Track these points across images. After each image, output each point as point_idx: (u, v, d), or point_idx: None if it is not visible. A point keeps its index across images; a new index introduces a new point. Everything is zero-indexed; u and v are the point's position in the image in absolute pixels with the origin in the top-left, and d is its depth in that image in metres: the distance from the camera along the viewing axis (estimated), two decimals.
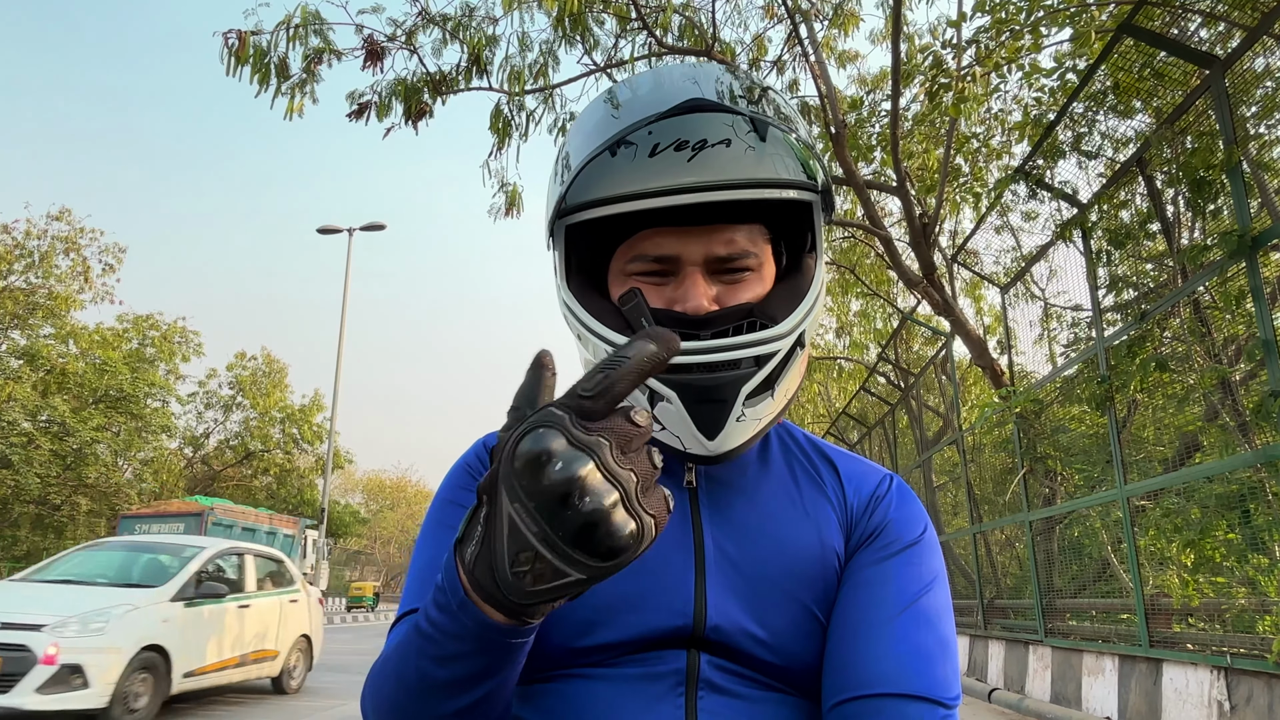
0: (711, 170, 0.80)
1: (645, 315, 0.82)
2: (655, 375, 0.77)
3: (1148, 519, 6.05)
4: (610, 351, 0.80)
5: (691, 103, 0.82)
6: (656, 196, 0.80)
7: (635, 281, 0.85)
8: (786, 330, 0.82)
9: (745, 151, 0.82)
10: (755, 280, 0.85)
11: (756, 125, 0.83)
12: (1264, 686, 4.62)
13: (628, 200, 0.81)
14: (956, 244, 12.93)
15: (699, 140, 0.81)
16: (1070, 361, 7.67)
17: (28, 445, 25.16)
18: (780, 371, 0.83)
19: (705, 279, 0.83)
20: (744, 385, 0.80)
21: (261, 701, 8.68)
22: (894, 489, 0.91)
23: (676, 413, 0.80)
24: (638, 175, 0.81)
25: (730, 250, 0.84)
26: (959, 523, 11.17)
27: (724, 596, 0.81)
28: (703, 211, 0.83)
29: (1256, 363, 5.19)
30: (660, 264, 0.84)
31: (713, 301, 0.82)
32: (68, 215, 25.65)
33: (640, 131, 0.82)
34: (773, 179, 0.82)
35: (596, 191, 0.83)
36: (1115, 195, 6.47)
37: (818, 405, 22.64)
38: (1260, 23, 4.71)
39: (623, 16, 9.49)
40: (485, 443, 0.93)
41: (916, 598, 0.82)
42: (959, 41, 8.51)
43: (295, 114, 8.98)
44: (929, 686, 0.77)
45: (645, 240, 0.85)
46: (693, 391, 0.79)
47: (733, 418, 0.80)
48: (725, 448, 0.81)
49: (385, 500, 65.94)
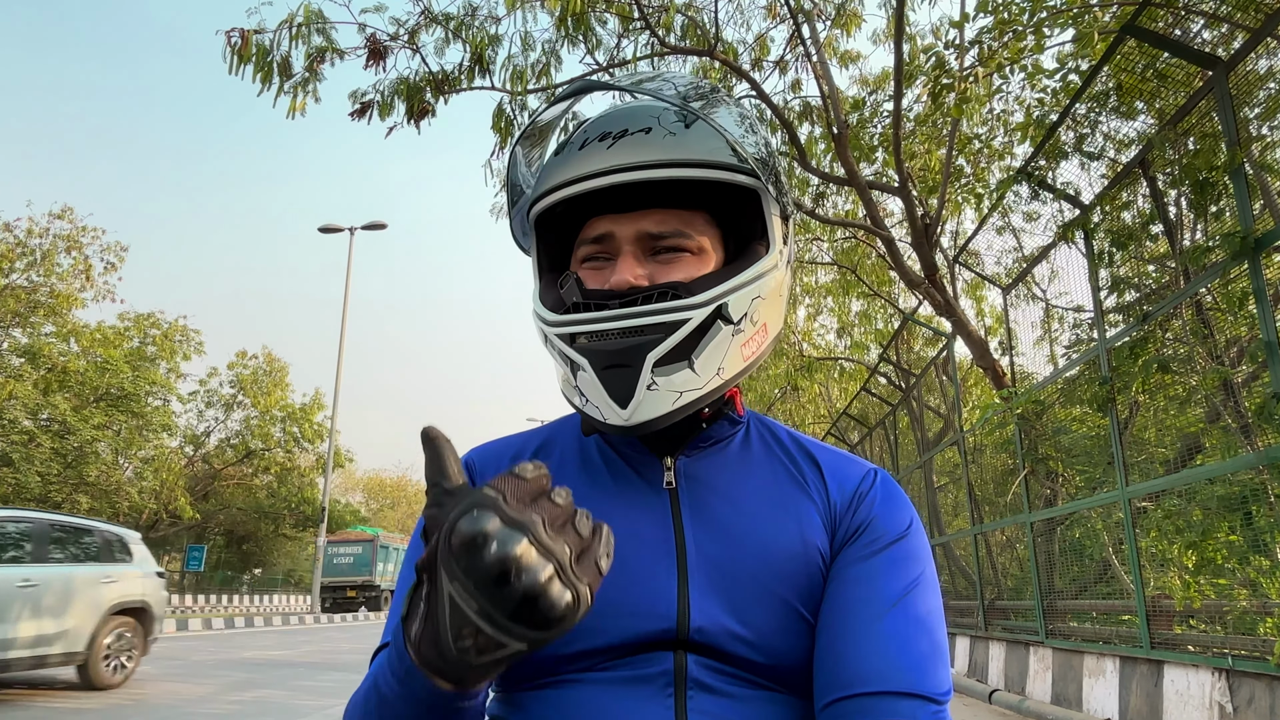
0: (627, 154, 0.85)
1: (575, 292, 0.86)
2: (573, 345, 0.84)
3: (1149, 520, 6.04)
4: (541, 327, 0.88)
5: (586, 82, 0.91)
6: (577, 183, 0.86)
7: (585, 267, 0.89)
8: (700, 301, 0.82)
9: (664, 137, 0.86)
10: (693, 262, 0.87)
11: (684, 116, 0.87)
12: (1265, 688, 4.62)
13: (557, 190, 0.88)
14: (958, 245, 12.93)
15: (620, 130, 0.87)
16: (1072, 362, 7.66)
17: (29, 443, 25.18)
18: (696, 342, 0.83)
19: (637, 258, 0.86)
20: (649, 351, 0.81)
21: (261, 701, 8.69)
22: (878, 484, 0.91)
23: (591, 381, 0.83)
24: (568, 168, 0.87)
25: (661, 229, 0.87)
26: (960, 523, 11.16)
27: (707, 598, 0.82)
28: (634, 196, 0.88)
29: (1259, 364, 5.19)
30: (599, 245, 0.88)
31: (643, 279, 0.85)
32: (69, 214, 25.67)
33: (579, 133, 0.90)
34: (690, 159, 0.85)
35: (539, 189, 0.90)
36: (1118, 196, 6.46)
37: (819, 406, 22.63)
38: (1264, 24, 4.70)
39: (625, 16, 9.49)
40: (468, 461, 0.95)
41: (904, 594, 0.82)
42: (962, 42, 8.50)
43: (297, 113, 8.98)
44: (919, 683, 0.77)
45: (588, 227, 0.90)
46: (600, 357, 0.82)
47: (642, 385, 0.81)
48: (639, 418, 0.82)
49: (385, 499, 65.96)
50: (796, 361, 17.63)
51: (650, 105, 0.89)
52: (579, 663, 0.81)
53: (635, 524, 0.86)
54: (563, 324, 0.85)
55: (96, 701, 8.01)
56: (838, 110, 9.11)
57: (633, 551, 0.83)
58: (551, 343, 0.87)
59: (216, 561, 42.22)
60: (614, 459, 0.91)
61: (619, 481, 0.90)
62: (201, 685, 9.65)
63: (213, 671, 11.29)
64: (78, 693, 8.55)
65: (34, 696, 8.23)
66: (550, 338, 0.87)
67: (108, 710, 7.53)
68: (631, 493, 0.89)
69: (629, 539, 0.84)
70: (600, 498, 0.88)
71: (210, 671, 11.28)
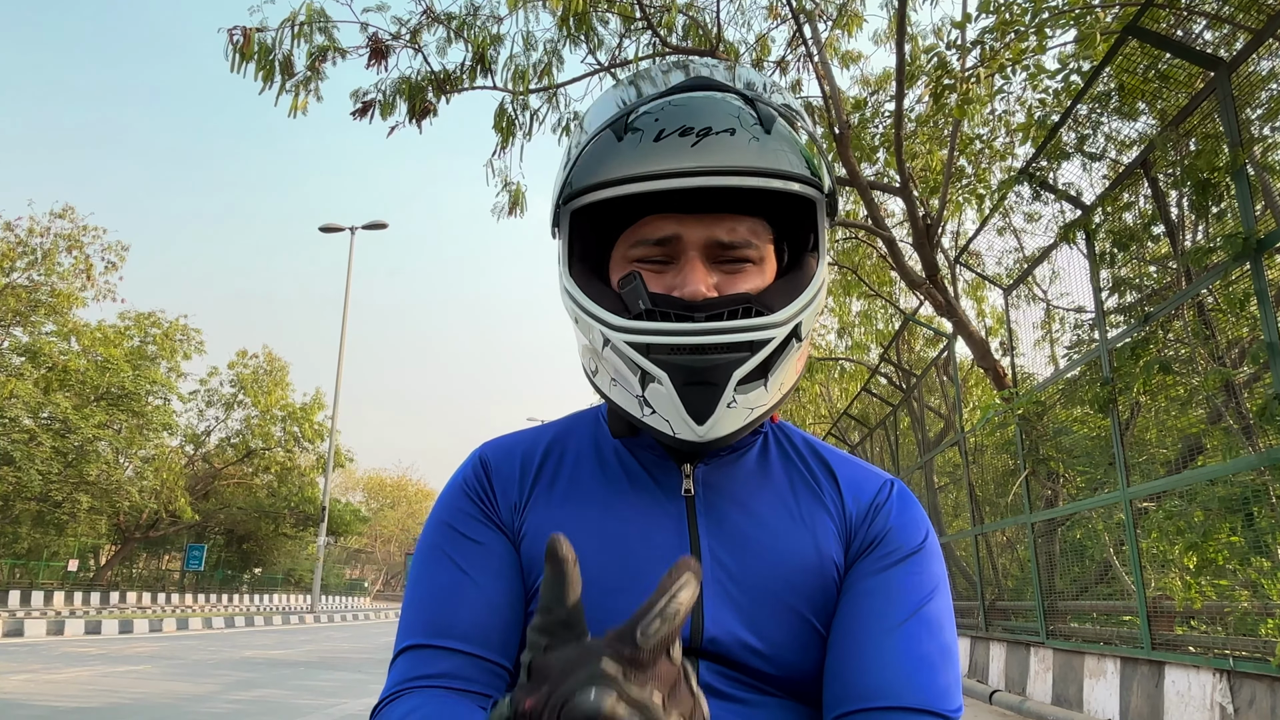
0: (715, 156, 0.80)
1: (643, 297, 0.81)
2: (649, 356, 0.79)
3: (1150, 521, 6.04)
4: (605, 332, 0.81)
5: (696, 80, 0.83)
6: (659, 179, 0.79)
7: (636, 267, 0.84)
8: (783, 319, 0.81)
9: (749, 142, 0.81)
10: (755, 272, 0.85)
11: (762, 118, 0.83)
12: (1266, 689, 4.61)
13: (630, 182, 0.80)
14: (959, 245, 12.93)
15: (704, 127, 0.81)
16: (1073, 363, 7.66)
17: (29, 442, 25.18)
18: (774, 361, 0.82)
19: (705, 266, 0.83)
20: (736, 370, 0.79)
21: (261, 700, 8.69)
22: (894, 495, 0.90)
23: (667, 395, 0.79)
24: (641, 159, 0.80)
25: (732, 238, 0.83)
26: (960, 524, 11.16)
27: (721, 609, 0.81)
28: (705, 199, 0.83)
29: (1260, 365, 5.18)
30: (661, 248, 0.84)
31: (712, 289, 0.82)
32: (70, 213, 25.70)
33: (646, 118, 0.82)
34: (776, 170, 0.81)
35: (600, 175, 0.82)
36: (1119, 197, 6.46)
37: (819, 406, 22.63)
38: (1266, 25, 4.70)
39: (627, 16, 9.49)
40: (481, 456, 0.92)
41: (918, 607, 0.81)
42: (963, 42, 8.50)
43: (299, 112, 8.98)
44: (931, 699, 0.77)
45: (647, 225, 0.85)
46: (684, 374, 0.79)
47: (723, 403, 0.79)
48: (714, 434, 0.80)
49: (386, 499, 65.99)
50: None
51: (725, 102, 0.83)
52: None
53: (650, 531, 0.85)
54: (636, 332, 0.80)
55: (98, 701, 8.01)
56: (839, 110, 9.11)
57: (648, 559, 0.83)
58: (618, 350, 0.81)
59: (216, 561, 42.23)
60: (630, 463, 0.90)
61: (636, 486, 0.88)
62: (201, 684, 9.65)
63: (213, 671, 11.29)
64: (79, 692, 8.56)
65: (37, 695, 8.24)
66: (617, 345, 0.81)
67: (108, 710, 7.54)
68: (648, 499, 0.87)
69: (645, 546, 0.84)
70: (617, 502, 0.87)
71: (210, 671, 11.28)
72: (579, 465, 0.90)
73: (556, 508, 0.87)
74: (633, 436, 0.90)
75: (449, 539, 0.86)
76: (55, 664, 11.42)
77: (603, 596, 0.80)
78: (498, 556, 0.85)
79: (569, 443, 0.93)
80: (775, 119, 0.83)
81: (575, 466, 0.90)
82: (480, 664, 0.80)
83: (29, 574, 30.54)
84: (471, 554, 0.84)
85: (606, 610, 0.80)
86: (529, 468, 0.90)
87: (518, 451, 0.92)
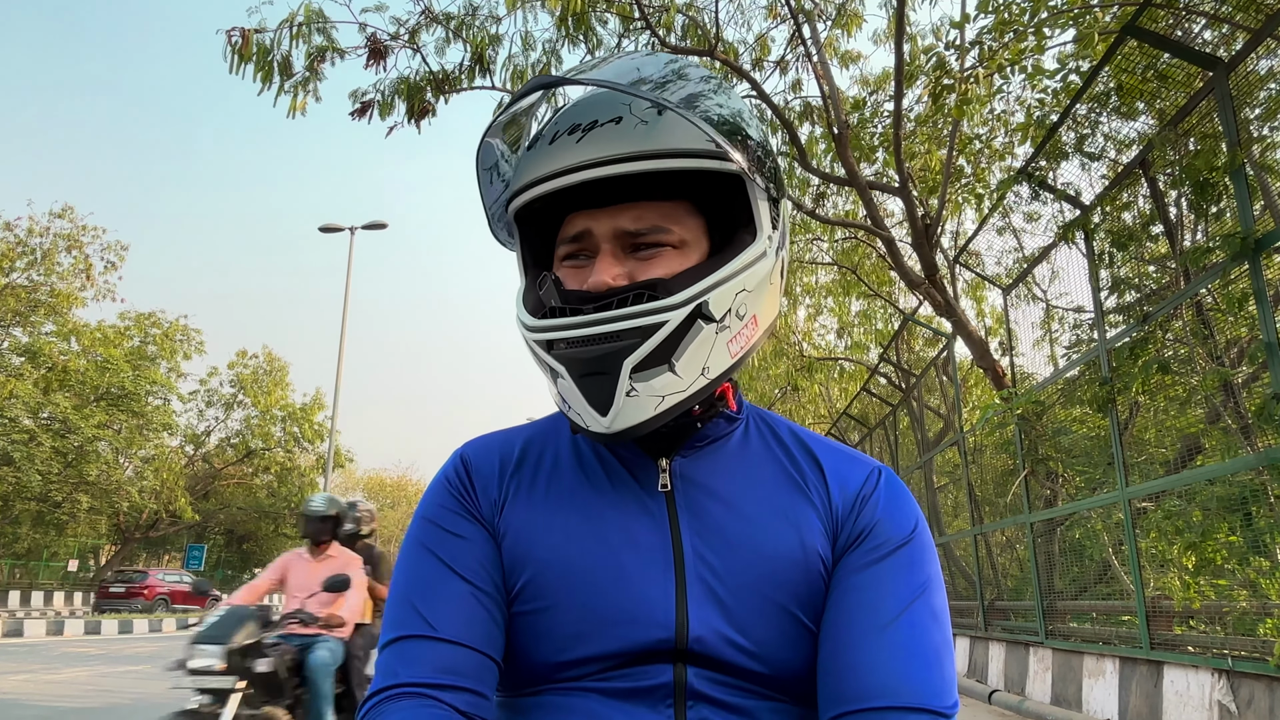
0: (598, 147, 0.80)
1: (553, 295, 0.83)
2: (550, 351, 0.81)
3: (1149, 521, 6.04)
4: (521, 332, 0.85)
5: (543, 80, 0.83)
6: (550, 180, 0.82)
7: (565, 266, 0.86)
8: (677, 302, 0.78)
9: (636, 126, 0.81)
10: (675, 257, 0.83)
11: (656, 102, 0.80)
12: (1265, 689, 4.62)
13: (530, 188, 0.84)
14: (959, 245, 12.93)
15: (589, 121, 0.82)
16: (1072, 363, 7.66)
17: (29, 442, 25.18)
18: (676, 344, 0.79)
19: (616, 256, 0.83)
20: (626, 358, 0.78)
21: None
22: (882, 484, 0.88)
23: (570, 388, 0.80)
24: (541, 162, 0.83)
25: (638, 225, 0.83)
26: (960, 524, 11.16)
27: (704, 607, 0.80)
28: (610, 190, 0.83)
29: (1259, 365, 5.19)
30: (578, 244, 0.85)
31: (622, 278, 0.81)
32: (70, 213, 25.70)
33: (551, 125, 0.85)
34: (666, 149, 0.80)
35: (515, 185, 0.86)
36: (1118, 197, 6.46)
37: (819, 406, 22.64)
38: (1264, 25, 4.70)
39: (626, 16, 9.49)
40: (462, 455, 0.92)
41: (910, 602, 0.80)
42: (962, 42, 8.50)
43: (298, 112, 8.98)
44: (928, 697, 0.75)
45: (567, 224, 0.86)
46: (576, 365, 0.79)
47: (620, 392, 0.78)
48: (621, 425, 0.79)
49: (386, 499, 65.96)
50: (797, 362, 17.66)
51: (618, 96, 0.84)
52: (577, 670, 0.80)
53: (631, 529, 0.84)
54: (540, 329, 0.82)
55: (97, 701, 8.02)
56: (838, 110, 9.11)
57: (630, 558, 0.81)
58: (530, 347, 0.84)
59: (216, 561, 42.23)
60: (609, 459, 0.89)
61: (614, 483, 0.87)
62: None
63: None
64: (78, 692, 8.55)
65: (36, 695, 8.23)
66: (529, 343, 0.84)
67: (107, 710, 7.54)
68: (627, 495, 0.86)
69: (625, 544, 0.82)
70: (595, 500, 0.86)
71: None
72: (558, 463, 0.90)
73: (537, 505, 0.86)
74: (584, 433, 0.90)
75: (432, 534, 0.86)
76: (55, 664, 11.42)
77: (586, 596, 0.80)
78: (479, 550, 0.85)
79: (548, 441, 0.93)
80: (666, 102, 0.81)
81: (554, 464, 0.90)
82: (465, 653, 0.79)
83: (29, 574, 30.56)
84: (454, 548, 0.85)
85: (590, 610, 0.80)
86: (508, 465, 0.90)
87: (497, 449, 0.92)
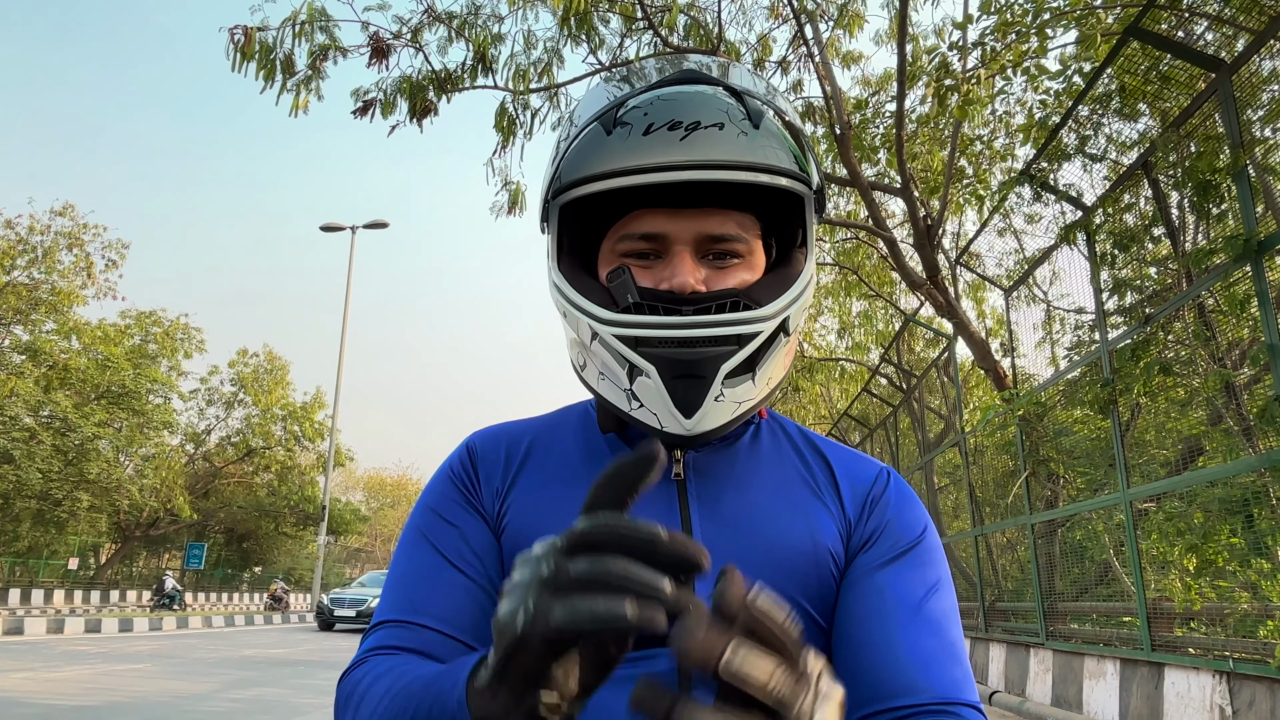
0: (704, 150, 0.80)
1: (631, 290, 0.82)
2: (637, 349, 0.79)
3: (1150, 522, 6.04)
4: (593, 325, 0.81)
5: (686, 74, 0.84)
6: (649, 173, 0.79)
7: (624, 262, 0.84)
8: (771, 313, 0.81)
9: (738, 136, 0.81)
10: (743, 267, 0.85)
11: (750, 113, 0.82)
12: (1266, 691, 4.61)
13: (618, 176, 0.80)
14: (960, 246, 12.92)
15: (693, 121, 0.81)
16: (1073, 364, 7.65)
17: (30, 440, 25.19)
18: (762, 355, 0.82)
19: (693, 260, 0.83)
20: (724, 363, 0.79)
21: (261, 699, 8.69)
22: (891, 486, 0.90)
23: (654, 388, 0.79)
24: (630, 153, 0.80)
25: (721, 232, 0.84)
26: (960, 525, 11.16)
27: None
28: (693, 193, 0.83)
29: (1261, 367, 5.18)
30: (649, 243, 0.84)
31: (700, 283, 0.82)
32: (71, 211, 25.72)
33: (635, 112, 0.82)
34: (765, 164, 0.81)
35: (588, 169, 0.82)
36: (1120, 198, 6.46)
37: (819, 406, 22.63)
38: (1268, 26, 4.70)
39: (628, 16, 9.50)
40: (469, 444, 0.92)
41: (927, 601, 0.81)
42: (965, 43, 8.50)
43: (300, 111, 8.98)
44: (956, 691, 0.76)
45: (635, 220, 0.85)
46: (671, 366, 0.79)
47: (711, 396, 0.79)
48: (702, 428, 0.80)
49: (386, 498, 65.96)
50: (797, 362, 17.64)
51: (714, 97, 0.84)
52: None
53: (642, 514, 0.83)
54: (624, 325, 0.80)
55: (97, 699, 8.02)
56: (840, 111, 9.11)
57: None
58: (606, 343, 0.82)
59: (217, 559, 42.25)
60: (622, 450, 0.89)
61: None
62: (201, 683, 9.66)
63: (213, 669, 11.29)
64: (78, 690, 8.56)
65: (36, 693, 8.23)
66: (605, 338, 0.82)
67: (107, 708, 7.54)
68: None
69: None
70: None
71: (210, 669, 11.28)
72: (566, 455, 0.90)
73: (542, 496, 0.86)
74: (620, 431, 0.89)
75: (431, 523, 0.87)
76: (55, 662, 11.42)
77: None
78: (476, 541, 0.85)
79: (556, 433, 0.93)
80: (764, 114, 0.83)
81: (562, 456, 0.90)
82: (450, 643, 0.80)
83: (29, 572, 30.56)
84: (450, 538, 0.85)
85: None
86: (514, 455, 0.90)
87: (504, 440, 0.92)
